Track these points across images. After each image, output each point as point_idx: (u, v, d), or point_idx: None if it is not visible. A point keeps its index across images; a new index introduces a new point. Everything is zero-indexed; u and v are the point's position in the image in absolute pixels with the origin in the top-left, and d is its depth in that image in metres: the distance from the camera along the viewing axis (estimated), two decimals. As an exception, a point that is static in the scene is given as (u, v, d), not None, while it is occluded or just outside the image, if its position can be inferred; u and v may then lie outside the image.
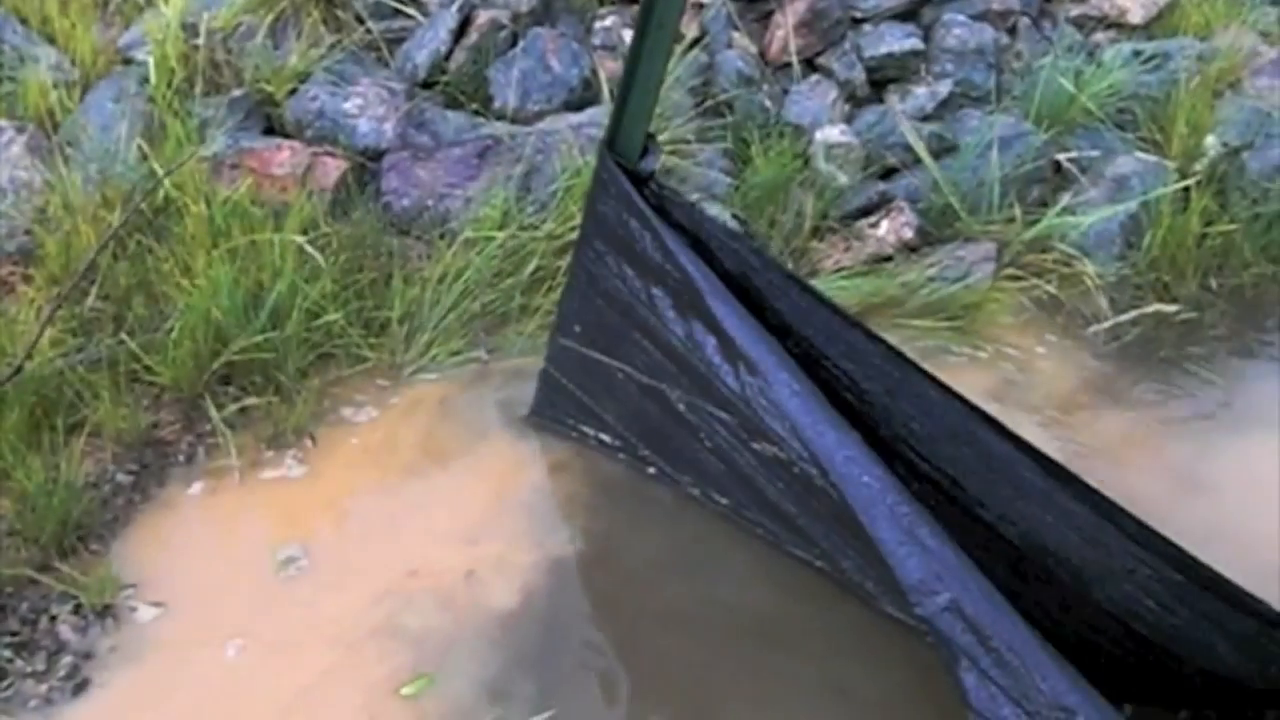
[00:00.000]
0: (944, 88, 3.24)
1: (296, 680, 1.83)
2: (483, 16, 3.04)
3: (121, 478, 2.09)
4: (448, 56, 3.00)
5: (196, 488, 2.13)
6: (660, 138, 2.84)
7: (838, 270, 2.79)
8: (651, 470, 2.24)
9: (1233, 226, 2.85)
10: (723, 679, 1.97)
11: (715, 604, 2.07)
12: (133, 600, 1.90)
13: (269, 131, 2.85)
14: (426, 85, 2.99)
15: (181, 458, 2.17)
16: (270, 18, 2.94)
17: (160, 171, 2.48)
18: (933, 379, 1.97)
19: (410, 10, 3.07)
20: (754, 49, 3.28)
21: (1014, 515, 2.00)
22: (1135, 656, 2.13)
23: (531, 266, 2.59)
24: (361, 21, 3.06)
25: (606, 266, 2.03)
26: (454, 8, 3.04)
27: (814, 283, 2.74)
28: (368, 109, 2.86)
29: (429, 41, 3.00)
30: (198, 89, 2.79)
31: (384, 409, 2.36)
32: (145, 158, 2.54)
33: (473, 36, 3.00)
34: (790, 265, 2.79)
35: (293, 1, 2.98)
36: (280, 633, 1.90)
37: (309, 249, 2.45)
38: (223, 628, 1.88)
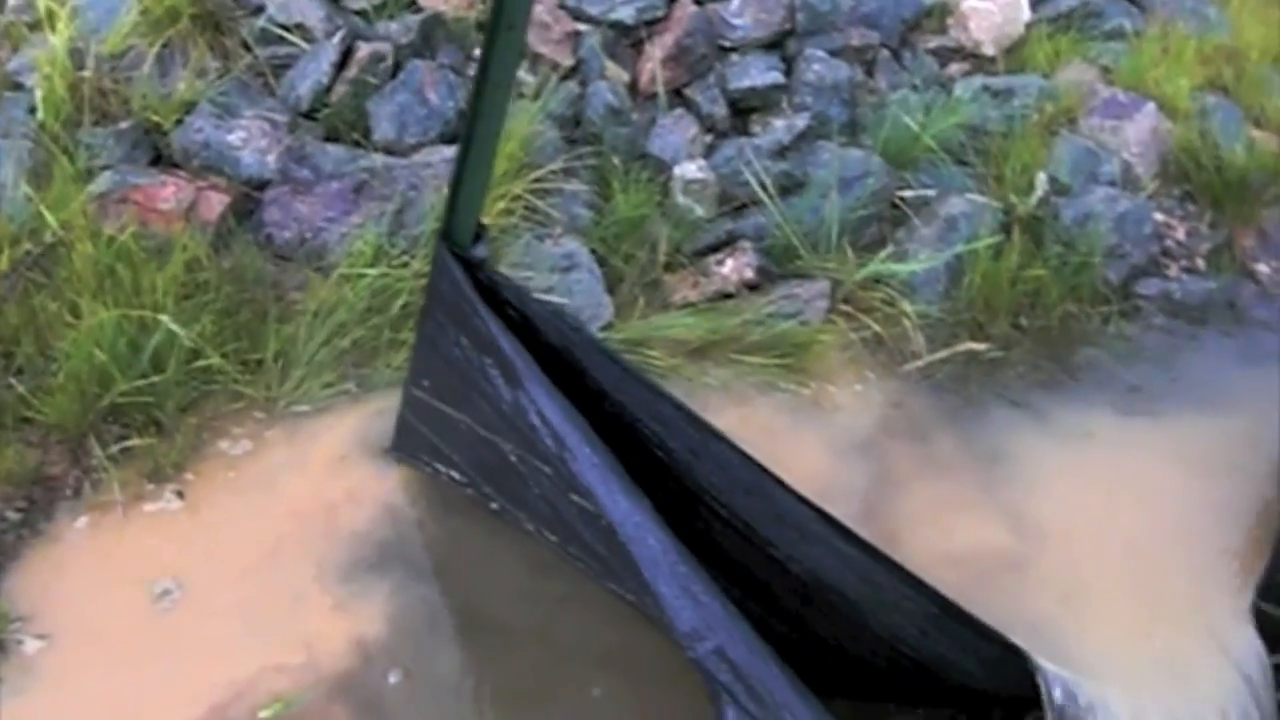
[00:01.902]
0: (801, 121, 3.48)
1: (173, 712, 2.10)
2: (363, 49, 3.22)
3: (10, 515, 2.32)
4: (329, 88, 3.19)
5: (82, 522, 2.37)
6: (530, 175, 3.10)
7: (685, 305, 3.05)
8: (494, 506, 2.52)
9: (1041, 271, 3.15)
10: (537, 688, 2.30)
11: (536, 622, 2.39)
12: (20, 633, 2.15)
13: (157, 161, 3.03)
14: (310, 116, 3.18)
15: (69, 492, 2.40)
16: (158, 45, 3.10)
17: (48, 214, 2.67)
18: (728, 441, 2.28)
19: (294, 39, 3.24)
20: (626, 77, 3.50)
21: (799, 556, 2.33)
22: (907, 674, 2.49)
23: (400, 303, 2.82)
24: (248, 48, 3.23)
25: (446, 335, 2.29)
26: (335, 39, 3.22)
27: (664, 317, 3.03)
28: (251, 141, 3.04)
29: (311, 73, 3.18)
30: (85, 119, 2.96)
31: (259, 442, 2.61)
32: (30, 199, 2.72)
33: (353, 69, 3.18)
34: (642, 299, 3.06)
35: (179, 28, 3.15)
36: (155, 663, 2.16)
37: (191, 288, 2.67)
38: (103, 659, 2.14)
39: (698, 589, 2.00)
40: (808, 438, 2.75)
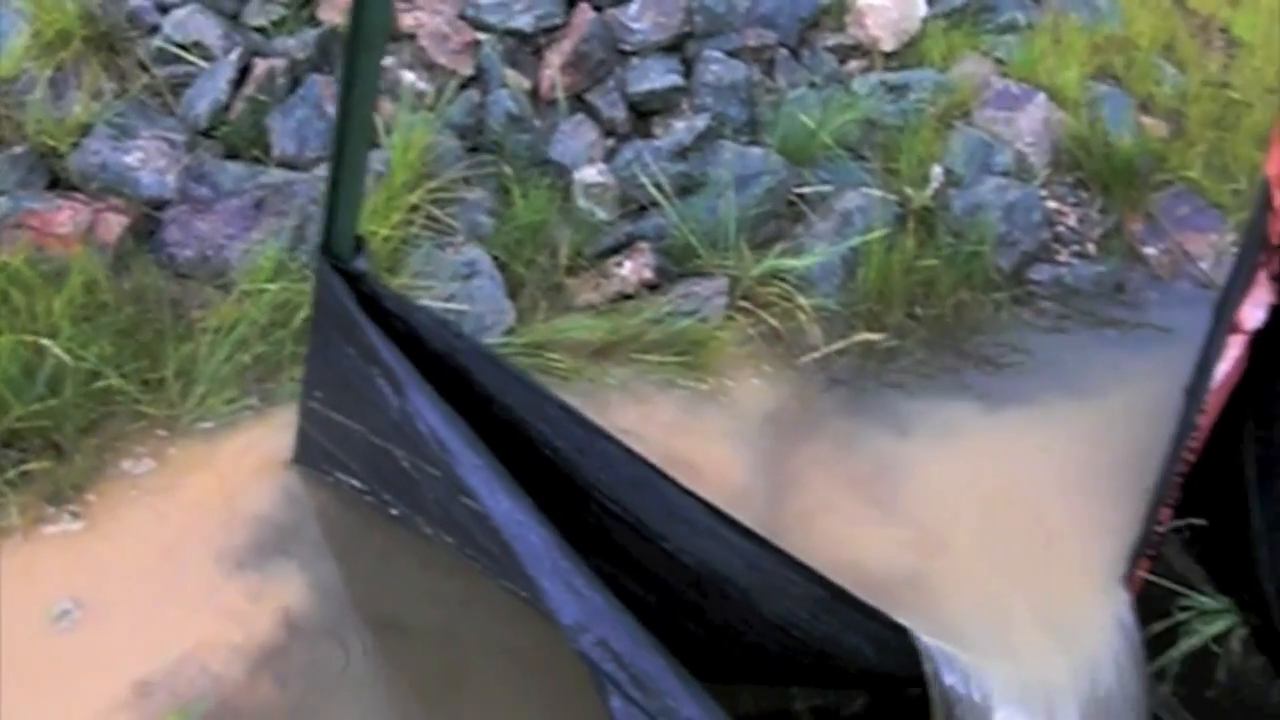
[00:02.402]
0: (701, 122, 3.55)
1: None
2: (260, 65, 3.25)
3: (-93, 543, 2.35)
4: (228, 106, 3.22)
5: (-18, 546, 2.40)
6: (427, 184, 3.15)
7: (587, 308, 3.12)
8: (394, 512, 2.57)
9: (934, 261, 3.24)
10: (442, 685, 2.36)
11: (439, 621, 2.44)
12: (-78, 660, 2.18)
13: (54, 185, 3.05)
14: (209, 134, 3.21)
15: (-31, 518, 2.43)
16: (50, 68, 3.12)
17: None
18: (613, 438, 2.34)
19: (191, 57, 3.27)
20: (527, 85, 3.56)
21: (690, 547, 2.40)
22: (801, 656, 2.57)
23: (301, 316, 2.86)
24: (145, 68, 3.26)
25: (334, 347, 2.33)
26: (233, 56, 3.25)
27: (565, 320, 3.09)
28: (150, 161, 3.07)
29: (209, 91, 3.21)
30: (-19, 145, 2.98)
31: (162, 460, 2.64)
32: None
33: (251, 86, 3.22)
34: (544, 303, 3.12)
35: (72, 50, 3.16)
36: (54, 683, 2.19)
37: (90, 310, 2.70)
38: (2, 684, 2.17)
39: (579, 583, 2.06)
40: (706, 432, 2.83)
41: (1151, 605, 2.88)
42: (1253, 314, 2.68)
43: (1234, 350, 2.73)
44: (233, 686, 2.28)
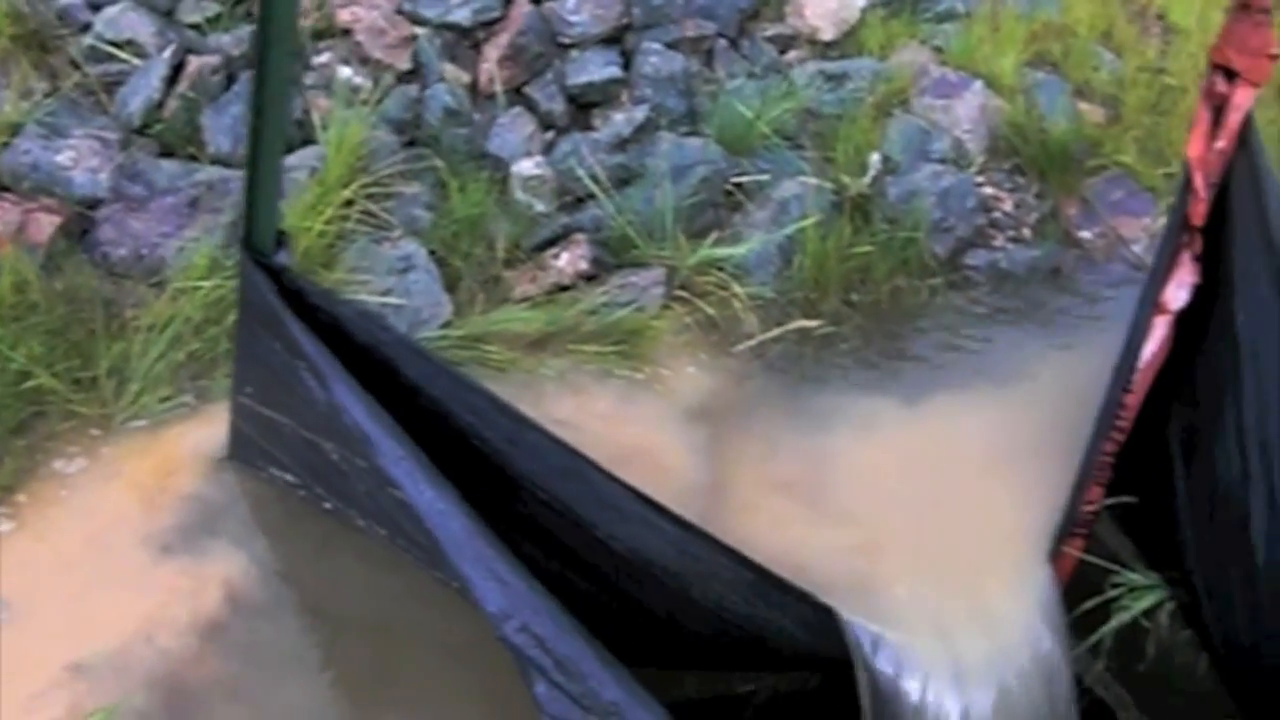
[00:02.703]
0: (640, 113, 3.57)
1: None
2: (194, 62, 3.25)
3: None
4: (161, 103, 3.21)
5: (-97, 556, 2.39)
6: (363, 179, 3.15)
7: (524, 300, 3.13)
8: (327, 506, 2.58)
9: (869, 248, 3.27)
10: (377, 675, 2.37)
11: (373, 613, 2.46)
12: None
13: (-14, 185, 3.05)
14: (142, 132, 3.20)
15: (-100, 520, 2.42)
16: (-20, 68, 3.11)
17: None
18: (540, 428, 2.36)
19: (124, 55, 3.26)
20: (466, 79, 3.57)
21: (620, 534, 2.42)
22: (737, 640, 2.60)
23: (235, 314, 2.86)
24: (77, 66, 3.24)
25: (260, 342, 2.34)
26: (166, 53, 3.24)
27: (502, 312, 3.11)
28: (82, 160, 3.06)
29: (142, 89, 3.20)
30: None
31: (94, 459, 2.64)
32: None
33: (184, 83, 3.21)
34: (482, 296, 3.13)
35: (1, 49, 3.15)
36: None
37: (20, 310, 2.69)
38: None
39: (502, 570, 2.09)
40: (642, 421, 2.85)
41: (1085, 583, 2.94)
42: (1177, 294, 2.74)
43: (1160, 331, 2.78)
44: (166, 670, 2.29)
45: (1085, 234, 3.67)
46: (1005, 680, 2.46)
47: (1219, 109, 2.62)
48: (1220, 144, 2.60)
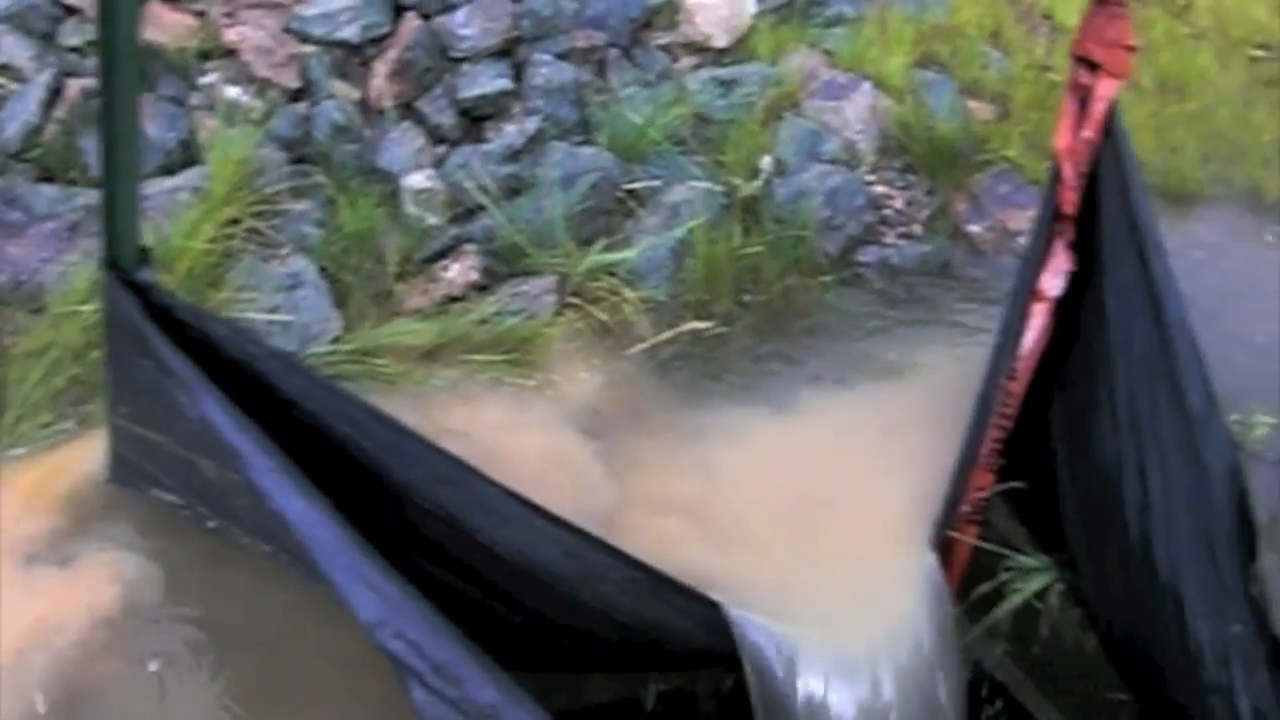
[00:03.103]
0: (532, 124, 3.59)
1: None
2: (73, 86, 3.22)
3: None
4: (40, 128, 3.18)
5: None
6: (249, 197, 3.14)
7: (415, 312, 3.13)
8: (211, 524, 2.56)
9: (759, 248, 3.31)
10: (255, 686, 2.35)
11: (264, 627, 2.44)
12: None
13: None
14: (20, 157, 3.16)
15: None
16: None
17: None
18: (419, 437, 2.36)
19: (2, 80, 3.22)
20: (356, 95, 3.57)
21: (504, 539, 2.43)
22: (631, 640, 2.61)
23: (113, 335, 2.83)
24: (-48, 92, 3.21)
25: (130, 361, 2.32)
26: (44, 77, 3.21)
27: (392, 325, 3.10)
28: (-42, 188, 3.03)
29: (20, 113, 3.17)
30: None
31: (-27, 489, 2.60)
32: None
33: (62, 107, 3.18)
34: (374, 310, 3.13)
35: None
36: None
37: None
38: None
39: (375, 577, 2.09)
40: (532, 427, 2.86)
41: (980, 568, 3.00)
42: (1053, 282, 2.80)
43: (1039, 318, 2.84)
44: (50, 690, 2.26)
45: (974, 228, 3.75)
46: (892, 666, 2.49)
47: (1084, 100, 2.70)
48: (1087, 134, 2.68)
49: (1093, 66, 2.69)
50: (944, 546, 2.99)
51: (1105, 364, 2.75)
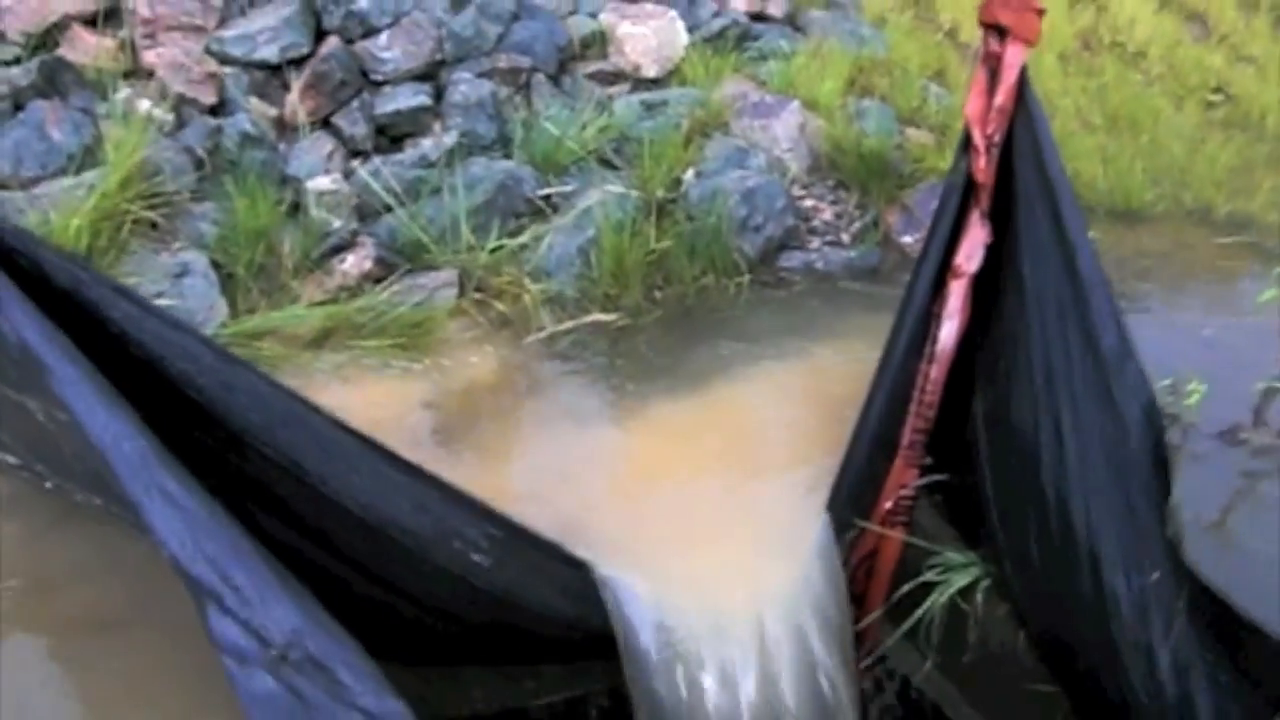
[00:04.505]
0: (450, 139, 3.56)
1: None
2: None
3: None
4: None
5: None
6: (149, 198, 3.09)
7: (311, 303, 3.03)
8: (49, 485, 2.41)
9: (668, 244, 3.21)
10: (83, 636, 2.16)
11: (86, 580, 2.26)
12: None
13: None
14: (-81, 158, 3.15)
15: None
16: None
17: None
18: (258, 373, 2.22)
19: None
20: (273, 113, 3.56)
21: (351, 490, 2.25)
22: (489, 614, 2.39)
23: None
24: None
25: (-43, 298, 2.21)
26: (-54, 84, 3.23)
27: (281, 312, 3.00)
28: None
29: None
30: None
31: None
32: None
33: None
34: (265, 302, 3.03)
35: None
36: None
37: None
38: None
39: (179, 493, 1.92)
40: (409, 403, 2.72)
41: (906, 568, 2.78)
42: (972, 256, 2.67)
43: (957, 297, 2.70)
44: None
45: (907, 239, 3.63)
46: (777, 631, 2.26)
47: (993, 70, 2.62)
48: (999, 100, 2.58)
49: (1001, 33, 2.61)
50: (868, 548, 2.79)
51: (1024, 330, 2.58)
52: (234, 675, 1.81)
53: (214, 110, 3.51)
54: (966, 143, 2.62)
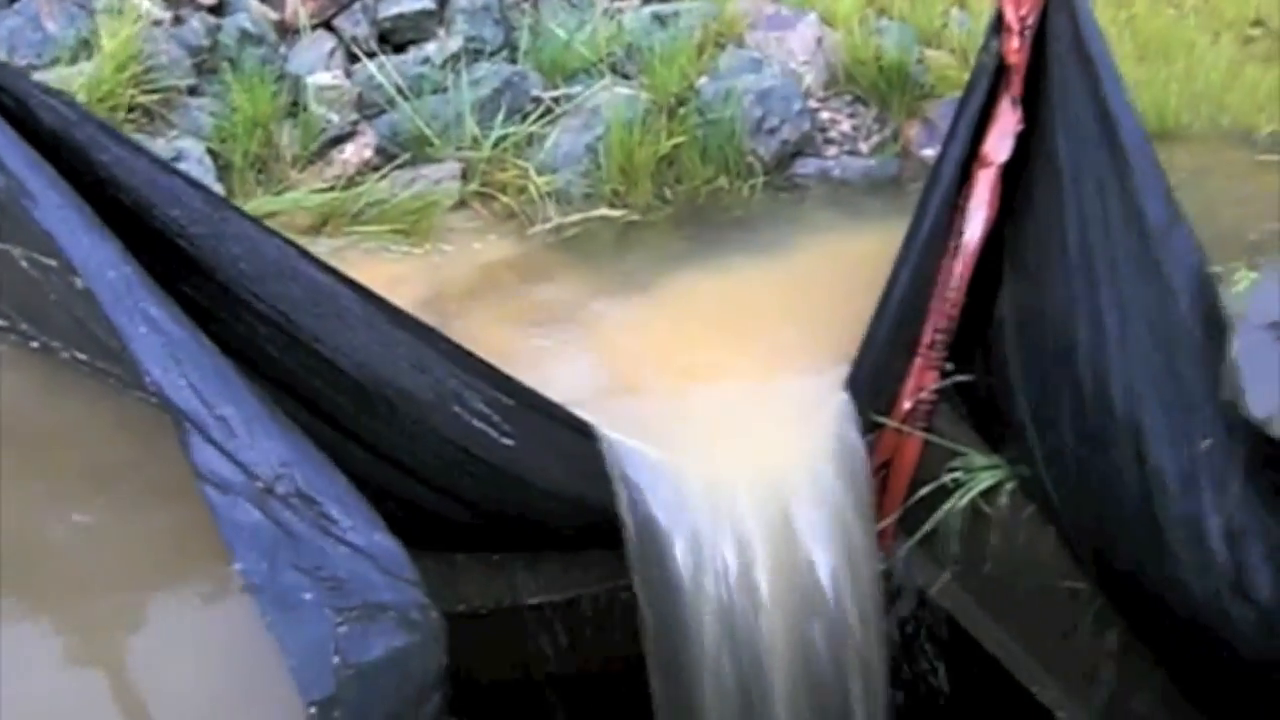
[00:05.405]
0: (455, 43, 3.46)
1: None
2: (-26, -23, 3.15)
3: None
4: (-69, 14, 3.09)
5: None
6: (145, 88, 2.99)
7: (310, 190, 2.93)
8: (35, 344, 2.31)
9: (680, 141, 3.11)
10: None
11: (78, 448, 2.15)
12: None
13: None
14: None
15: None
16: None
17: None
18: (253, 219, 2.11)
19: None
20: (274, 16, 3.46)
21: (346, 348, 2.14)
22: (487, 487, 2.27)
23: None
24: None
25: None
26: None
27: (278, 200, 2.90)
28: None
29: (-85, -1, 3.09)
30: None
31: None
32: None
33: (-42, 7, 3.10)
34: (261, 191, 2.94)
35: None
36: None
37: None
38: None
39: (163, 318, 1.83)
40: (410, 281, 2.61)
41: (924, 474, 2.67)
42: (1000, 145, 2.55)
43: (984, 187, 2.59)
44: None
45: (928, 151, 3.50)
46: (794, 503, 2.15)
47: None
48: None
49: (1036, -95, 2.49)
50: (885, 453, 2.69)
51: (1058, 216, 2.45)
52: (215, 505, 1.71)
53: (213, 11, 3.43)
54: (998, 23, 2.50)
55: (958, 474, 2.64)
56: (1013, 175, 2.54)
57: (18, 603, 1.84)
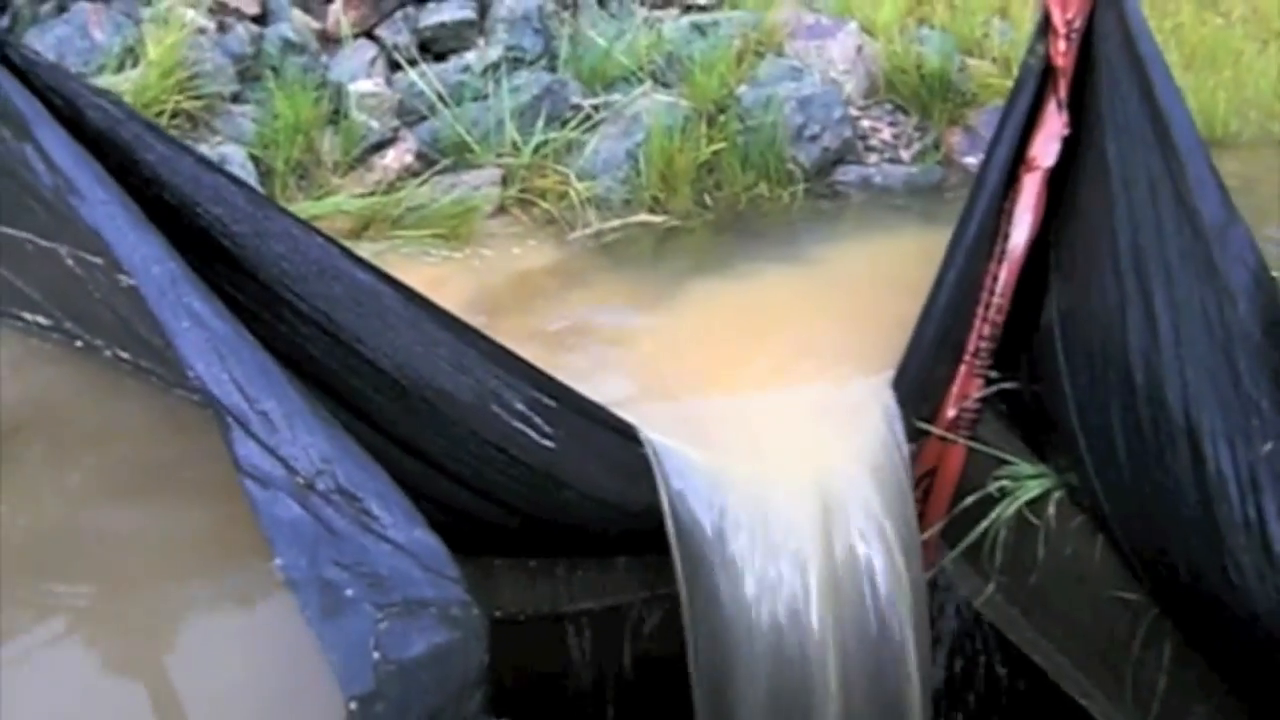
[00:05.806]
0: (495, 52, 3.47)
1: None
2: (22, -9, 3.19)
3: None
4: (-14, 23, 3.12)
5: None
6: (189, 95, 3.02)
7: (351, 195, 2.94)
8: (79, 344, 2.31)
9: (722, 145, 3.09)
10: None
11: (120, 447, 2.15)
12: None
13: None
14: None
15: None
16: None
17: None
18: (294, 218, 2.11)
19: (-45, -12, 3.20)
20: (316, 26, 3.49)
21: (387, 348, 2.13)
22: (529, 494, 2.25)
23: None
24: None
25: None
26: (-3, -16, 3.18)
27: (319, 205, 2.91)
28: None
29: (-34, 11, 3.12)
30: None
31: None
32: None
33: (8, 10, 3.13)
34: (302, 196, 2.95)
35: None
36: None
37: None
38: None
39: (206, 313, 1.83)
40: (447, 288, 2.60)
41: (969, 484, 2.63)
42: (1047, 148, 2.51)
43: (1030, 192, 2.55)
44: None
45: (970, 159, 3.48)
46: (838, 507, 2.11)
47: None
48: None
49: (1083, -92, 2.46)
50: (929, 462, 2.65)
51: (1107, 218, 2.40)
52: (256, 499, 1.70)
53: (257, 20, 3.46)
54: (1044, 26, 2.47)
55: (1004, 483, 2.59)
56: (1058, 179, 2.51)
57: (60, 599, 1.84)
